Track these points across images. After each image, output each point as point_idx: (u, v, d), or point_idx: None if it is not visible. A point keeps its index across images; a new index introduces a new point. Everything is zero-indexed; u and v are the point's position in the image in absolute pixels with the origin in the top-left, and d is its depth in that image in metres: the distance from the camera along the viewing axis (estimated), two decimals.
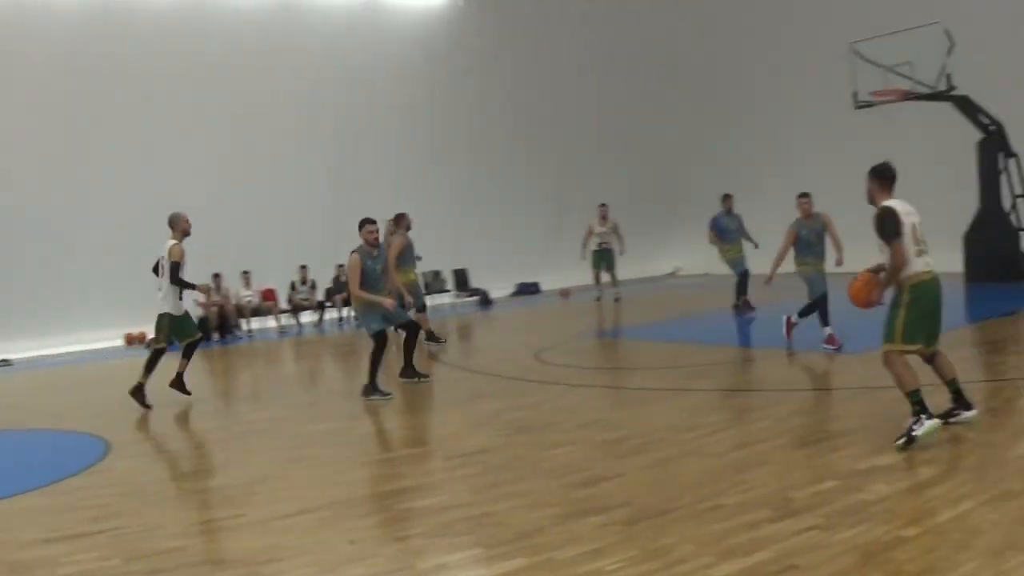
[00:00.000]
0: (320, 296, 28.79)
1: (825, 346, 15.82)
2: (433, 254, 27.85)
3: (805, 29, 31.04)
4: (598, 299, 27.80)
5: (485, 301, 31.06)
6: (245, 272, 27.20)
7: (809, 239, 16.33)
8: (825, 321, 16.04)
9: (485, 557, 7.18)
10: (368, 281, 14.67)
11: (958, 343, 15.08)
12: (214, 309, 26.15)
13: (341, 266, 27.77)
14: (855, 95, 24.72)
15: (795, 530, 7.08)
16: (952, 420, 9.75)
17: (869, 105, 24.56)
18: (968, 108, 24.41)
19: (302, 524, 8.26)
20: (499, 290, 32.67)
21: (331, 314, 28.83)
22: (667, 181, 36.15)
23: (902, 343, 9.65)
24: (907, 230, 9.54)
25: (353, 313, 18.17)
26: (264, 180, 28.51)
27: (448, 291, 31.14)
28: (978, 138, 24.94)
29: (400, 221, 19.30)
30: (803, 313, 16.47)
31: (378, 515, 8.35)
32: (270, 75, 29.09)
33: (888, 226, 9.56)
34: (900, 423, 9.95)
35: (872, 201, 9.96)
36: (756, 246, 22.09)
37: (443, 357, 19.09)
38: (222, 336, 26.49)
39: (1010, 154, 25.29)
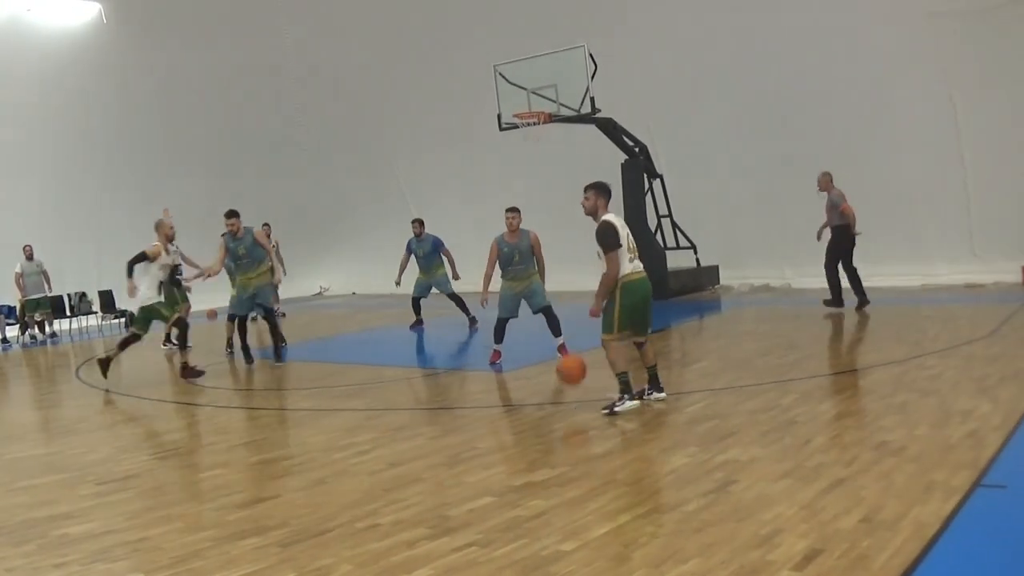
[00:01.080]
0: None
1: (491, 363, 16.14)
2: (77, 275, 27.26)
3: (453, 50, 31.39)
4: (253, 319, 27.54)
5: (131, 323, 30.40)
6: None
7: (511, 256, 16.18)
8: (498, 339, 16.34)
9: None
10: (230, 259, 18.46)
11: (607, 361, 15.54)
12: None
13: None
14: (499, 117, 25.14)
15: (453, 547, 7.14)
16: (646, 398, 11.87)
17: (514, 127, 24.98)
18: (612, 130, 25.14)
19: None
20: None
21: None
22: (317, 202, 36.08)
23: (618, 332, 11.70)
24: (623, 242, 11.57)
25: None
26: None
27: (95, 312, 30.25)
28: (623, 159, 25.75)
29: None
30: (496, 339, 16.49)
31: (33, 542, 8.01)
32: None
33: (610, 238, 11.54)
34: (551, 438, 10.34)
35: (594, 213, 11.78)
36: (456, 278, 22.02)
37: (90, 379, 18.62)
38: None
39: (654, 175, 26.20)
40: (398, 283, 22.37)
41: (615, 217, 11.72)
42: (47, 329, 28.30)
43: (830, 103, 25.32)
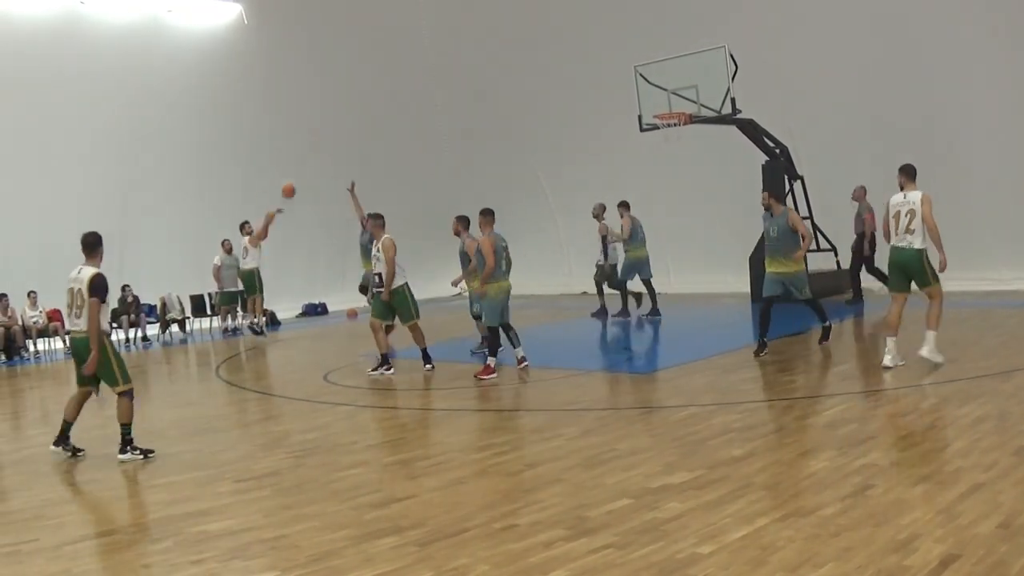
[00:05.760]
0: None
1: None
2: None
3: (593, 50, 31.25)
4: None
5: (272, 322, 30.68)
6: (31, 292, 26.17)
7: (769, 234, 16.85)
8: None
9: None
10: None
11: (747, 363, 15.43)
12: None
13: (126, 287, 27.30)
14: (640, 118, 25.00)
15: (591, 548, 7.14)
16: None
17: (654, 128, 24.80)
18: (753, 131, 24.85)
19: (94, 549, 8.11)
20: (285, 311, 32.38)
21: (117, 335, 28.02)
22: (454, 201, 36.13)
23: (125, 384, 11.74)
24: None
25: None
26: (51, 199, 27.59)
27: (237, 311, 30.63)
28: (763, 160, 25.46)
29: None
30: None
31: (171, 539, 8.16)
32: (56, 92, 28.01)
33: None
34: (689, 441, 10.27)
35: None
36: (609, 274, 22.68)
37: (231, 378, 18.89)
38: (8, 357, 25.52)
39: (795, 176, 25.87)
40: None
41: None
42: (230, 322, 28.82)
43: (971, 103, 24.74)
